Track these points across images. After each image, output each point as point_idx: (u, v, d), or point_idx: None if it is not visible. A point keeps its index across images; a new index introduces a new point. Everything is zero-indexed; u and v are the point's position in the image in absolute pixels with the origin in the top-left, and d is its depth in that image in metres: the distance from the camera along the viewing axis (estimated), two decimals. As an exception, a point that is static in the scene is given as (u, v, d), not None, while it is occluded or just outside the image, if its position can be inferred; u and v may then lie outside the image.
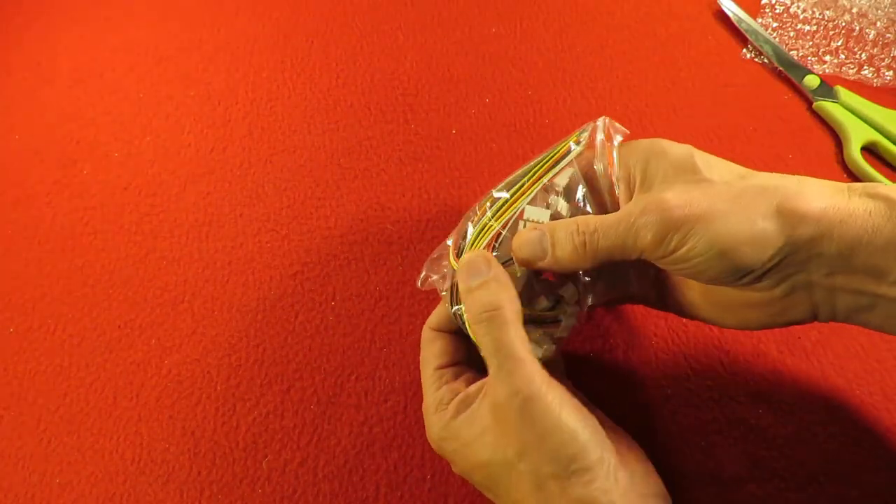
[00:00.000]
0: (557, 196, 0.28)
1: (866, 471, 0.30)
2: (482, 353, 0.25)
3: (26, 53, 0.49)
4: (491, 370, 0.24)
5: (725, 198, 0.23)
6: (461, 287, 0.26)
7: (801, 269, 0.23)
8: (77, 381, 0.36)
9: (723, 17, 0.45)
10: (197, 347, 0.36)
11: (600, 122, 0.28)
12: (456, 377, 0.28)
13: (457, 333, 0.29)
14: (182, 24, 0.49)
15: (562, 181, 0.28)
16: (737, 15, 0.45)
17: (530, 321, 0.27)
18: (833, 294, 0.24)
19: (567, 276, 0.28)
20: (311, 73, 0.46)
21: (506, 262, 0.27)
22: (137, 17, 0.50)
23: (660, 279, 0.30)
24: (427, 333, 0.29)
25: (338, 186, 0.41)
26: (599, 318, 0.35)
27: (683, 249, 0.23)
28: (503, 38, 0.46)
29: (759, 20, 0.45)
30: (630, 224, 0.24)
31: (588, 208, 0.28)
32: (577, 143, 0.28)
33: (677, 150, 0.25)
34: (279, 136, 0.43)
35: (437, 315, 0.29)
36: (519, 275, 0.27)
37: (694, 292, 0.28)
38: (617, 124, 0.28)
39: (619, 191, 0.27)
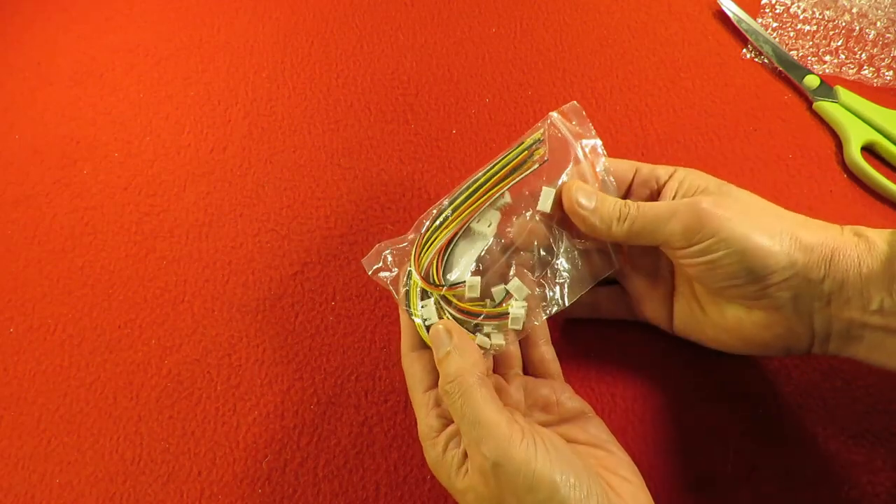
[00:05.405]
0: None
1: (866, 471, 0.30)
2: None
3: (26, 53, 0.49)
4: (463, 439, 0.25)
5: (751, 210, 0.27)
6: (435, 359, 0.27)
7: (805, 293, 0.25)
8: (77, 381, 0.36)
9: (723, 17, 0.45)
10: (197, 347, 0.36)
11: (555, 116, 0.30)
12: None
13: None
14: (182, 24, 0.49)
15: (546, 200, 0.29)
16: (737, 15, 0.45)
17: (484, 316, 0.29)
18: (829, 323, 0.26)
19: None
20: (311, 74, 0.46)
21: (454, 285, 0.29)
22: (137, 17, 0.50)
23: (671, 299, 0.32)
24: (406, 359, 0.29)
25: (338, 186, 0.41)
26: (599, 321, 0.35)
27: (708, 242, 0.26)
28: (503, 38, 0.46)
29: (759, 20, 0.45)
30: (668, 210, 0.27)
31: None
32: (530, 149, 0.30)
33: (712, 178, 0.30)
34: (279, 136, 0.43)
35: (408, 336, 0.29)
36: (473, 280, 0.29)
37: (703, 313, 0.30)
38: (566, 110, 0.31)
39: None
